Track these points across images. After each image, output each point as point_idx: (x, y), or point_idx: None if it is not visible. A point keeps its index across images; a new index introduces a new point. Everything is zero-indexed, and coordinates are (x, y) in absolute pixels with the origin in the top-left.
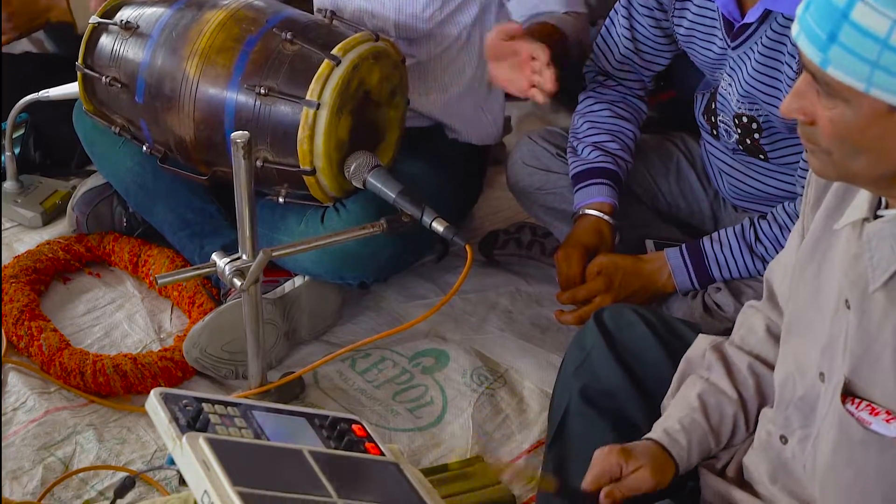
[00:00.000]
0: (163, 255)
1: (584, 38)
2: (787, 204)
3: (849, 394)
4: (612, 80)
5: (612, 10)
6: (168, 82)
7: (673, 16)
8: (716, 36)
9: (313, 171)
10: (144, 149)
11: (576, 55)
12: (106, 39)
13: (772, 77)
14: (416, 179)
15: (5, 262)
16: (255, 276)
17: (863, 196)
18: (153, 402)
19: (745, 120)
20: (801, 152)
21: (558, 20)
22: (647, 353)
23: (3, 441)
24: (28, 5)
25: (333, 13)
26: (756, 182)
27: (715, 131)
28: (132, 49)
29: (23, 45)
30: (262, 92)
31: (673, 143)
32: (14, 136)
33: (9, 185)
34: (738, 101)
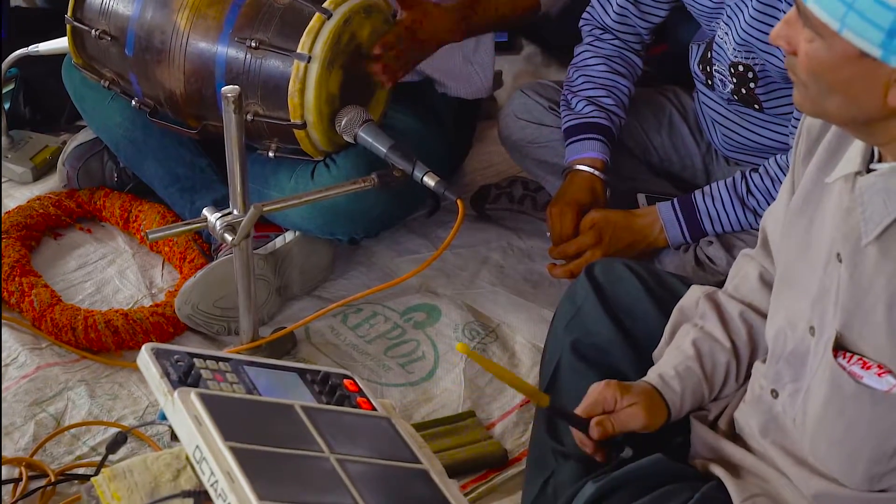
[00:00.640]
0: (154, 211)
1: None
2: (779, 156)
3: (840, 348)
4: (609, 34)
5: None
6: (158, 35)
7: None
8: None
9: (304, 125)
10: (134, 103)
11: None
12: None
13: (769, 25)
14: (407, 134)
15: None
16: (246, 231)
17: (855, 149)
18: (145, 357)
19: (740, 69)
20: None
21: None
22: (638, 307)
23: None
24: None
25: None
26: (750, 133)
27: (710, 81)
28: (122, 2)
29: None
30: (253, 45)
31: (665, 97)
32: (3, 91)
33: None
34: (734, 49)
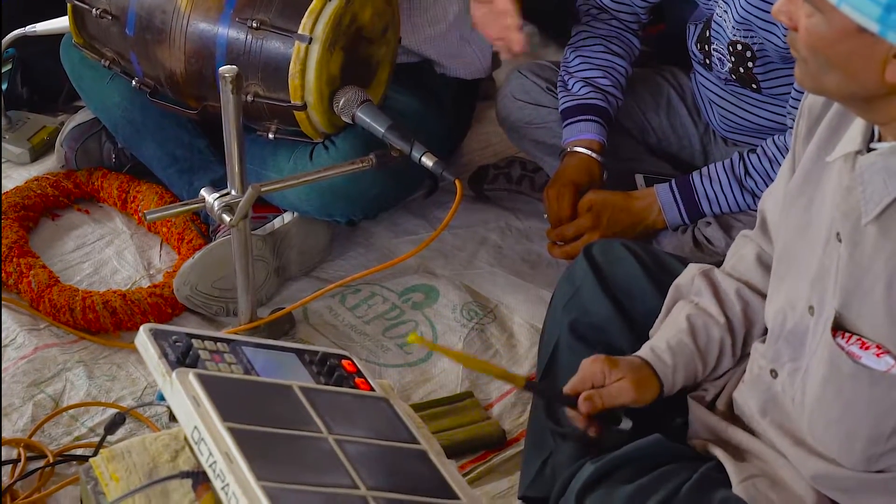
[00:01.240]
0: (152, 191)
1: None
2: (777, 137)
3: (839, 327)
4: (607, 14)
5: None
6: (159, 15)
7: None
8: None
9: (304, 107)
10: (134, 83)
11: None
12: None
13: (769, 2)
14: (405, 114)
15: None
16: (244, 212)
17: (856, 128)
18: (143, 338)
19: (739, 48)
20: (793, 83)
21: None
22: (637, 288)
23: None
24: None
25: None
26: (747, 113)
27: (708, 60)
28: None
29: None
30: (254, 26)
31: (663, 78)
32: (1, 71)
33: None
34: (733, 27)
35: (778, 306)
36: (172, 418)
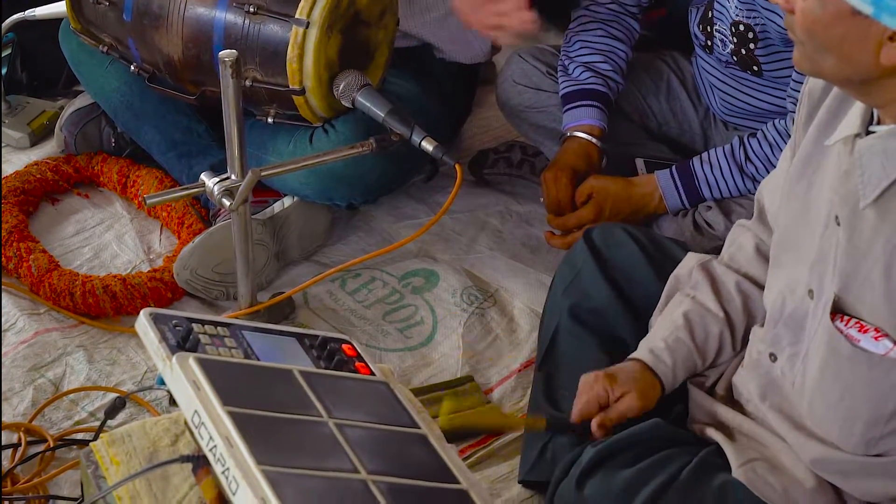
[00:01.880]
0: (151, 176)
1: None
2: (777, 121)
3: (838, 311)
4: None
5: None
6: (156, 0)
7: None
8: None
9: (303, 91)
10: (132, 68)
11: None
12: None
13: None
14: (405, 99)
15: None
16: (244, 196)
17: (855, 112)
18: (143, 322)
19: (741, 28)
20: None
21: None
22: (637, 272)
23: None
24: None
25: None
26: (747, 97)
27: (709, 42)
28: None
29: None
30: (252, 10)
31: (664, 62)
32: (0, 56)
33: None
34: (736, 7)
35: (777, 290)
36: (173, 402)
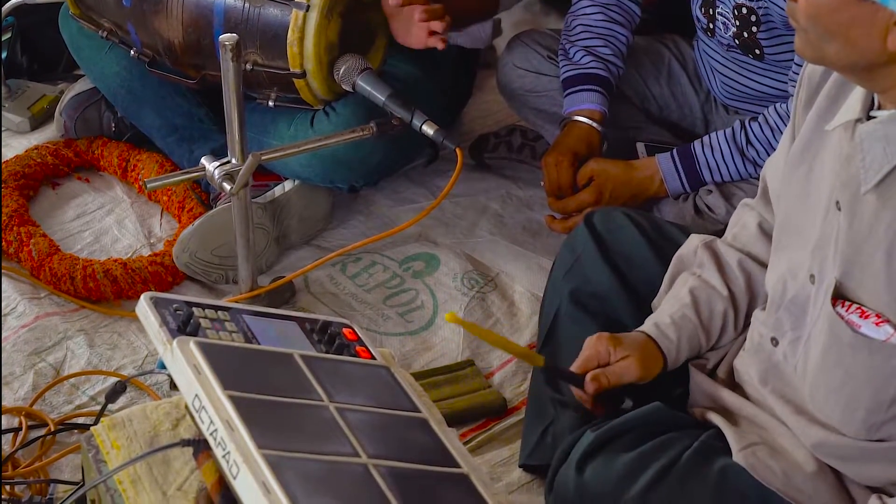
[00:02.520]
0: (152, 160)
1: None
2: (778, 105)
3: (839, 296)
4: None
5: None
6: None
7: None
8: None
9: (303, 74)
10: (132, 53)
11: None
12: None
13: None
14: (406, 83)
15: None
16: (245, 180)
17: (856, 97)
18: (143, 306)
19: (744, 11)
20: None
21: None
22: (638, 256)
23: None
24: None
25: None
26: (749, 81)
27: (711, 25)
28: None
29: None
30: None
31: (664, 46)
32: (1, 40)
33: None
34: None
35: (778, 274)
36: (173, 386)
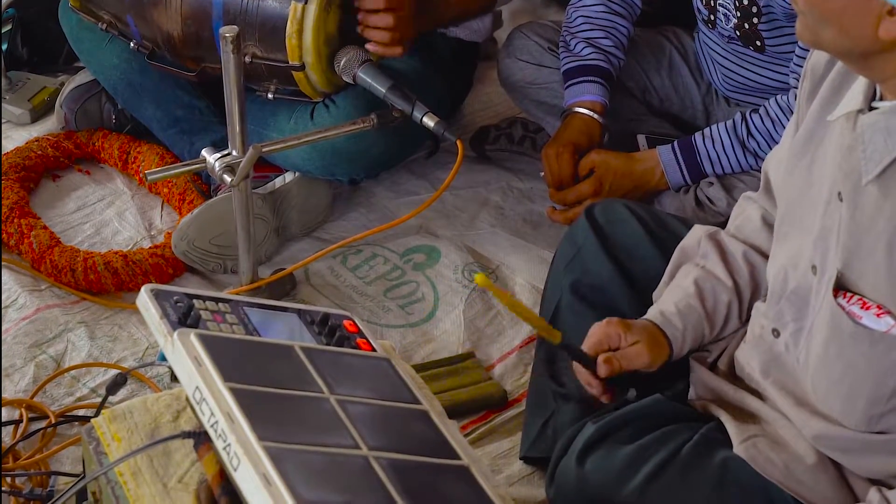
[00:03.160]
0: (152, 152)
1: None
2: (779, 97)
3: (841, 287)
4: None
5: None
6: None
7: None
8: None
9: (302, 67)
10: (132, 45)
11: None
12: None
13: None
14: (407, 75)
15: None
16: (246, 172)
17: (858, 87)
18: (144, 298)
19: (745, 2)
20: (797, 42)
21: None
22: (638, 248)
23: None
24: None
25: None
26: (749, 73)
27: (713, 17)
28: None
29: None
30: None
31: (665, 38)
32: (1, 32)
33: None
34: None
35: (780, 265)
36: (174, 379)
